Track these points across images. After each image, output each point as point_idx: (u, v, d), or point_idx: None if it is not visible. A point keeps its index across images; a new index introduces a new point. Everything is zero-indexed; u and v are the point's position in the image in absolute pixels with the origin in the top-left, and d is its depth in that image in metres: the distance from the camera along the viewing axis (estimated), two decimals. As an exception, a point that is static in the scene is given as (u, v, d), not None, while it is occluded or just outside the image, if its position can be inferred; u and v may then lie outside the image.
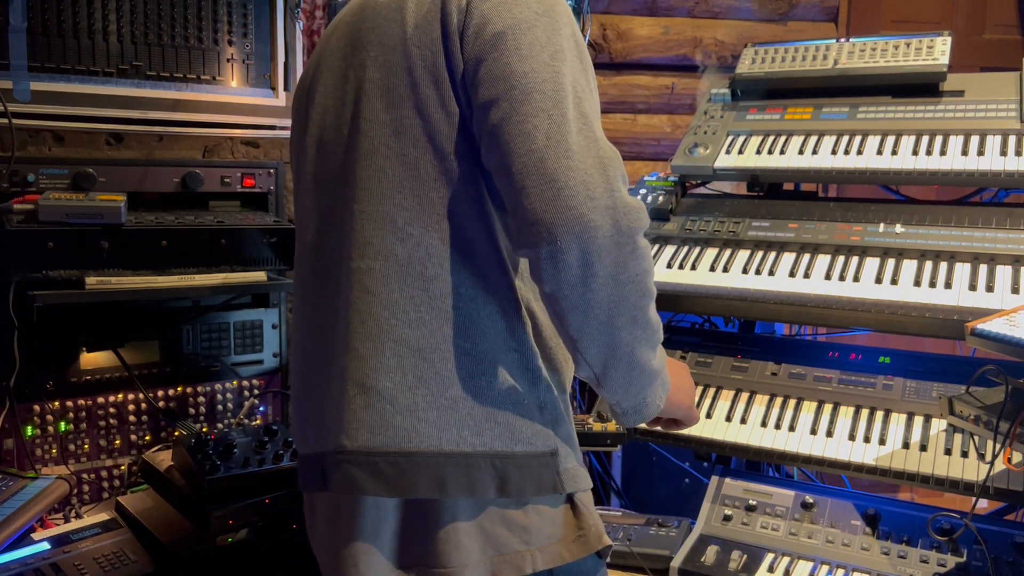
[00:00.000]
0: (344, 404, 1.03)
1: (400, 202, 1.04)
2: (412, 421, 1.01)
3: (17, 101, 1.75)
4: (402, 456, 1.01)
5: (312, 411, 1.13)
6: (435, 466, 1.01)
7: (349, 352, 1.04)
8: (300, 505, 1.70)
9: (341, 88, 1.13)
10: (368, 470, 1.01)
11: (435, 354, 1.02)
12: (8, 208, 1.65)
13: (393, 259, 1.04)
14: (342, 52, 1.15)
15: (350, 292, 1.05)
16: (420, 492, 1.01)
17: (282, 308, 2.11)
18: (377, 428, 1.02)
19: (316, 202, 1.15)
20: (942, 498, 1.85)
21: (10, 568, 1.49)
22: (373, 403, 1.02)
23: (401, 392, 1.02)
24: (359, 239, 1.05)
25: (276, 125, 2.10)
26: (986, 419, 1.55)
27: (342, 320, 1.06)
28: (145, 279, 1.72)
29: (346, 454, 1.02)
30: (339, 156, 1.11)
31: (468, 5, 1.02)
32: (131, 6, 1.89)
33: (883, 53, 2.04)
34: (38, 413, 1.79)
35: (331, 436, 1.05)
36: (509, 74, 0.98)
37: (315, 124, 1.16)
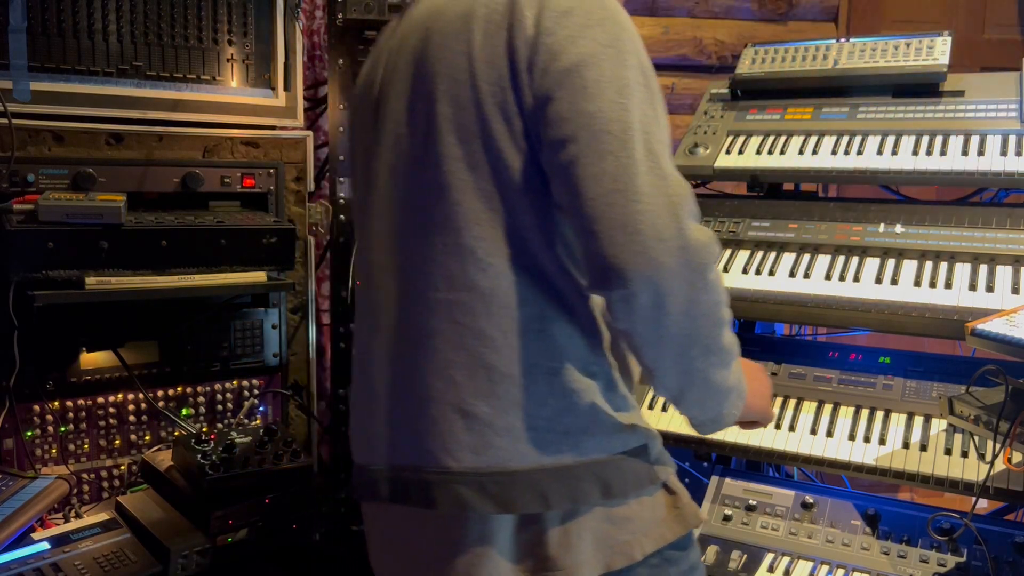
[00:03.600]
0: (444, 427, 1.08)
1: (478, 234, 1.07)
2: (511, 441, 1.07)
3: (17, 101, 1.75)
4: (504, 475, 1.06)
5: (387, 429, 1.15)
6: (537, 481, 1.06)
7: (444, 379, 1.08)
8: (300, 505, 1.71)
9: (411, 117, 1.14)
10: (475, 489, 1.06)
11: (526, 378, 1.07)
12: (8, 208, 1.65)
13: (477, 290, 1.07)
14: (409, 78, 1.15)
15: (438, 322, 1.09)
16: (525, 507, 1.06)
17: (282, 308, 2.11)
18: (479, 449, 1.07)
19: (389, 227, 1.16)
20: (942, 498, 1.85)
21: (10, 568, 1.49)
22: (473, 426, 1.07)
23: (499, 415, 1.07)
24: (442, 271, 1.09)
25: (276, 125, 2.10)
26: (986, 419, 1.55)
27: (428, 347, 1.10)
28: (145, 279, 1.72)
29: (451, 474, 1.07)
30: (414, 188, 1.13)
31: (535, 40, 1.03)
32: (131, 6, 1.89)
33: (883, 53, 2.04)
34: (38, 413, 1.79)
35: (430, 456, 1.09)
36: (577, 114, 1.00)
37: (388, 150, 1.17)
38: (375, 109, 1.21)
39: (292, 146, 2.10)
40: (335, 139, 2.16)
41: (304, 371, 2.19)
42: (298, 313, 2.17)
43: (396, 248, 1.15)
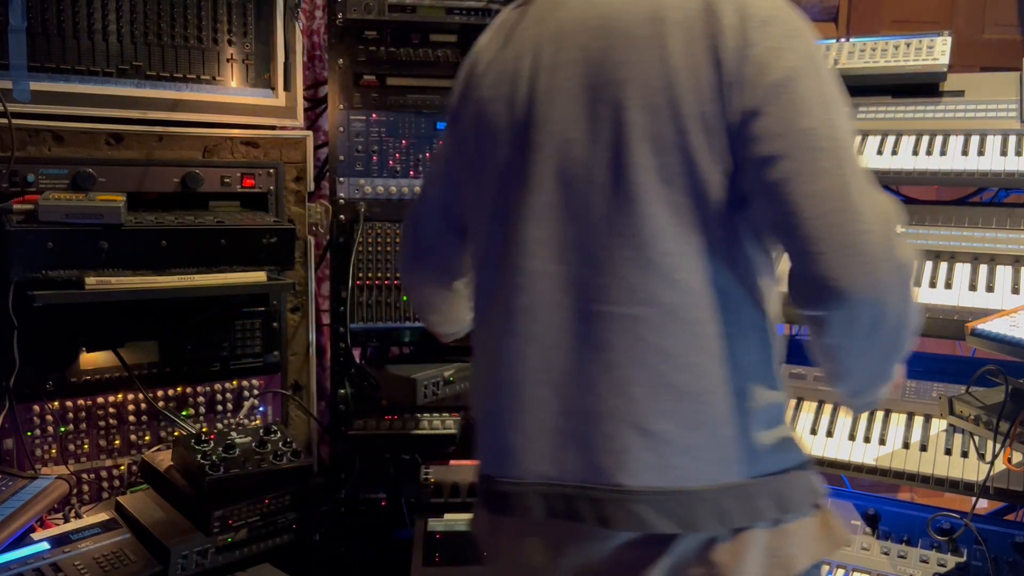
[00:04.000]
0: (620, 445, 1.06)
1: (665, 248, 1.05)
2: (691, 460, 1.05)
3: (17, 101, 1.75)
4: (684, 494, 1.05)
5: (546, 444, 1.11)
6: (717, 501, 1.05)
7: (623, 396, 1.06)
8: (300, 505, 1.71)
9: (590, 122, 1.09)
10: (655, 508, 1.04)
11: (709, 395, 1.06)
12: (8, 208, 1.65)
13: (660, 306, 1.05)
14: (583, 79, 1.10)
15: (617, 337, 1.06)
16: (704, 526, 1.05)
17: (283, 308, 2.11)
18: (660, 468, 1.05)
19: (555, 235, 1.11)
20: (942, 498, 1.85)
21: (10, 568, 1.49)
22: (653, 445, 1.05)
23: (680, 434, 1.05)
24: (624, 285, 1.06)
25: (276, 125, 2.10)
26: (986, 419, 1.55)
27: (604, 362, 1.07)
28: (145, 279, 1.72)
29: (628, 493, 1.05)
30: (595, 197, 1.08)
31: (742, 51, 1.01)
32: (131, 6, 1.89)
33: (883, 53, 2.04)
34: (38, 413, 1.79)
35: (602, 474, 1.06)
36: (790, 130, 0.99)
37: (554, 153, 1.11)
38: (526, 105, 1.14)
39: (292, 146, 2.10)
40: (335, 139, 2.16)
41: (304, 371, 2.19)
42: (298, 313, 2.17)
43: (567, 258, 1.10)
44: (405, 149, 2.18)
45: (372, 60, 2.14)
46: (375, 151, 2.16)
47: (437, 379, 2.04)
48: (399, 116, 2.17)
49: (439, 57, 2.15)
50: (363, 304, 2.15)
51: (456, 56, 2.15)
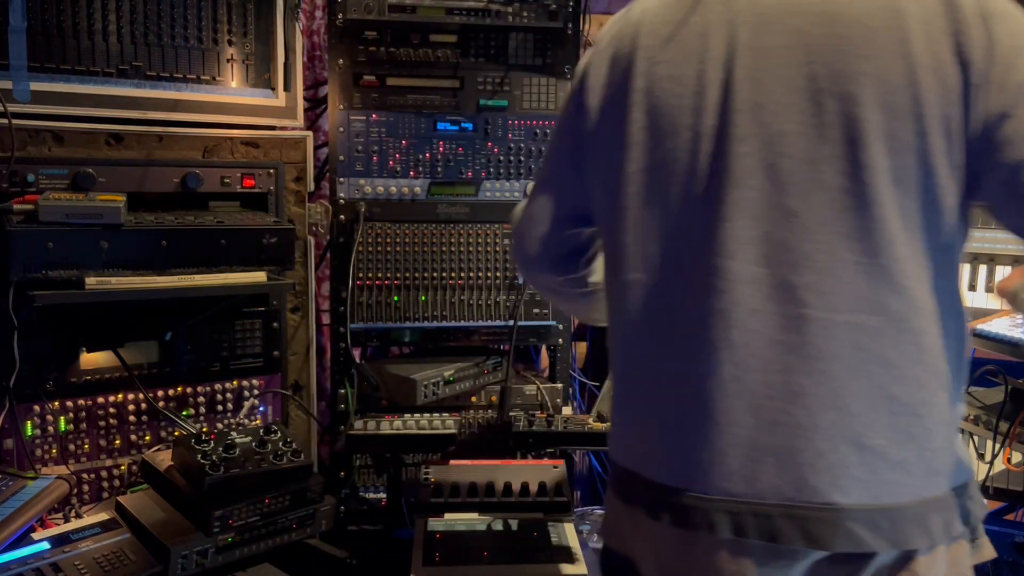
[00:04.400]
0: (835, 460, 1.01)
1: (895, 254, 1.00)
2: (902, 475, 1.02)
3: (17, 101, 1.75)
4: (894, 510, 1.02)
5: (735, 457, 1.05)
6: (921, 515, 1.03)
7: (838, 408, 1.01)
8: (300, 505, 1.71)
9: (814, 116, 1.02)
10: (868, 526, 1.01)
11: (924, 408, 1.03)
12: (8, 208, 1.65)
13: (888, 314, 1.01)
14: (803, 68, 1.02)
15: (837, 347, 1.01)
16: (912, 542, 1.02)
17: (283, 308, 2.11)
18: (872, 485, 1.02)
19: (761, 234, 1.04)
20: (942, 498, 1.85)
21: (10, 568, 1.49)
22: (867, 460, 1.01)
23: (892, 449, 1.02)
24: (849, 291, 1.01)
25: (276, 125, 2.10)
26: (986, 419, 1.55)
27: (819, 372, 1.02)
28: (145, 279, 1.72)
29: (840, 511, 1.01)
30: (818, 196, 1.02)
31: (989, 50, 0.97)
32: (131, 6, 1.89)
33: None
34: (38, 413, 1.79)
35: (812, 491, 1.02)
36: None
37: (762, 146, 1.03)
38: (721, 90, 1.06)
39: (292, 146, 2.10)
40: (335, 139, 2.16)
41: (304, 371, 2.19)
42: (298, 313, 2.17)
43: (774, 260, 1.03)
44: (405, 149, 2.18)
45: (372, 60, 2.14)
46: (375, 151, 2.16)
47: (437, 379, 2.04)
48: (399, 116, 2.17)
49: (439, 57, 2.15)
50: (363, 304, 2.15)
51: (456, 56, 2.16)
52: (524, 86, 2.19)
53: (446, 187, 2.19)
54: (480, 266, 2.18)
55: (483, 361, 2.20)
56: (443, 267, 2.17)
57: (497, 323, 2.19)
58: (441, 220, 2.19)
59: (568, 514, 1.92)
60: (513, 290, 2.19)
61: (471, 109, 2.19)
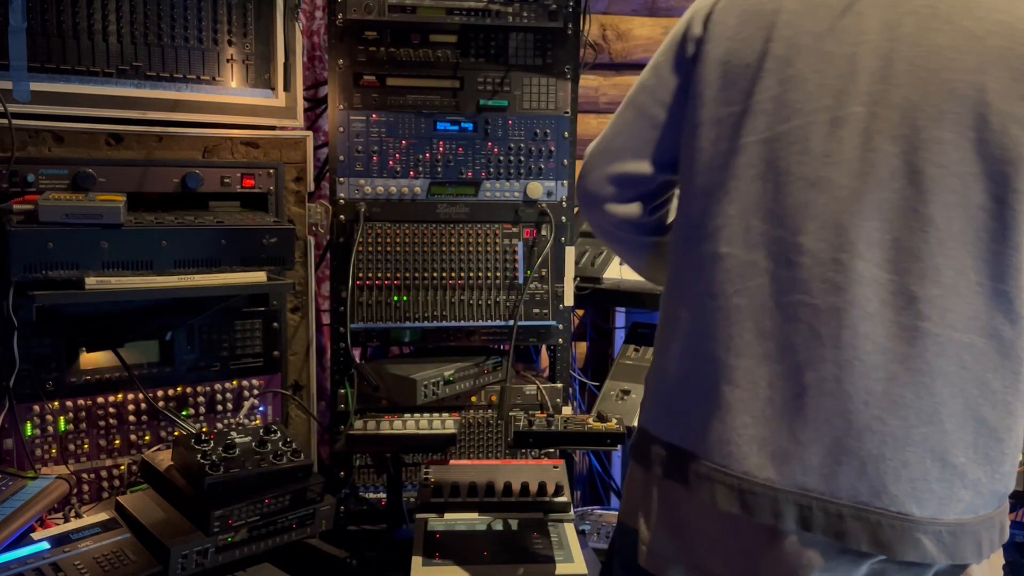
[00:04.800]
0: (917, 473, 1.03)
1: (1019, 282, 1.01)
2: (973, 495, 1.05)
3: (17, 101, 1.75)
4: (958, 526, 1.05)
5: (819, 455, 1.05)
6: (976, 532, 1.06)
7: (932, 423, 1.03)
8: (300, 505, 1.71)
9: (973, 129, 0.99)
10: (934, 539, 1.03)
11: (1006, 434, 1.05)
12: (8, 208, 1.65)
13: (999, 339, 1.02)
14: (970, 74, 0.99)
15: (944, 363, 1.02)
16: (968, 558, 1.06)
17: (283, 308, 2.11)
18: (945, 500, 1.04)
19: (889, 238, 1.02)
20: (942, 498, 1.85)
21: (10, 568, 1.49)
22: (947, 476, 1.04)
23: (971, 468, 1.04)
24: (968, 311, 1.01)
25: (276, 125, 2.10)
26: (986, 419, 1.55)
27: (920, 386, 1.02)
28: (145, 279, 1.72)
29: (912, 521, 1.03)
30: (957, 211, 1.00)
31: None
32: (131, 6, 1.89)
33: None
34: (38, 413, 1.79)
35: (889, 499, 1.04)
36: None
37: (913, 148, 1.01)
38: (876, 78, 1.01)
39: (292, 146, 2.10)
40: (335, 139, 2.16)
41: (304, 371, 2.19)
42: (298, 313, 2.17)
43: (901, 268, 1.02)
44: (405, 149, 2.18)
45: (372, 60, 2.14)
46: (375, 151, 2.16)
47: (437, 379, 2.04)
48: (399, 116, 2.17)
49: (439, 57, 2.15)
50: (363, 304, 2.15)
51: (456, 56, 2.16)
52: (524, 86, 2.19)
53: (446, 187, 2.19)
54: (480, 266, 2.18)
55: (483, 361, 2.20)
56: (443, 267, 2.17)
57: (497, 323, 2.19)
58: (441, 220, 2.19)
59: (568, 514, 1.92)
60: (513, 290, 2.19)
61: (471, 109, 2.19)
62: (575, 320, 2.36)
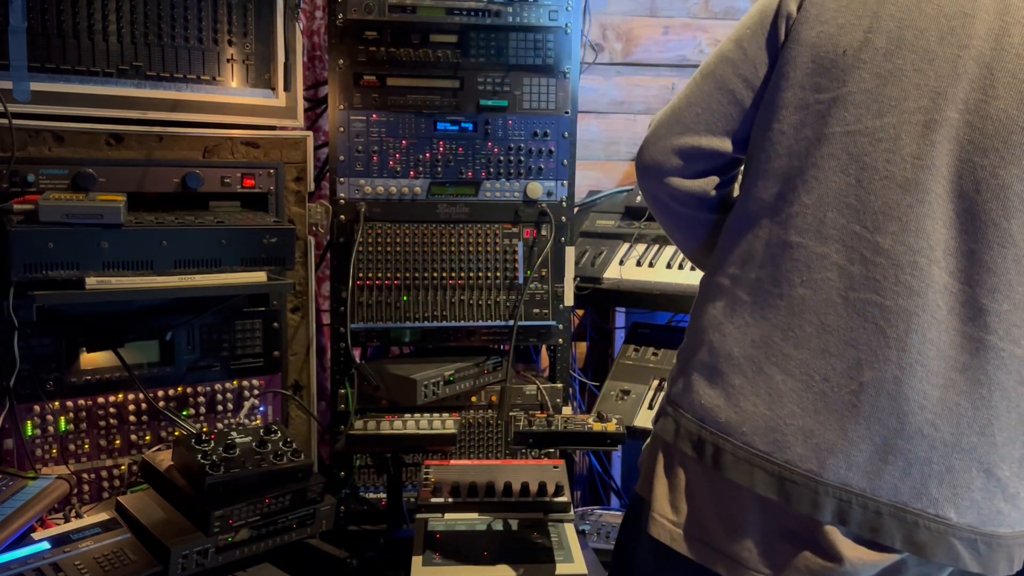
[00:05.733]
0: (961, 480, 1.05)
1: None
2: (1011, 508, 1.07)
3: (17, 101, 1.75)
4: (995, 537, 1.06)
5: (864, 451, 1.06)
6: (1010, 547, 1.07)
7: (983, 435, 1.04)
8: (300, 505, 1.71)
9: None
10: (968, 545, 1.05)
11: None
12: (8, 208, 1.65)
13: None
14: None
15: (1002, 376, 1.03)
16: (999, 569, 1.07)
17: (283, 308, 2.11)
18: (984, 510, 1.06)
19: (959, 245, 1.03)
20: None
21: (10, 568, 1.50)
22: (989, 487, 1.05)
23: (1013, 481, 1.06)
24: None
25: (276, 125, 2.10)
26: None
27: (977, 397, 1.04)
28: (145, 279, 1.72)
29: (948, 526, 1.05)
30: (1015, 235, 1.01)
31: None
32: (131, 6, 1.89)
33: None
34: (38, 413, 1.79)
35: (929, 501, 1.05)
36: None
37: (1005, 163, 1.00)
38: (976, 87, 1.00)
39: (292, 146, 2.10)
40: (335, 139, 2.16)
41: (304, 371, 2.19)
42: (298, 313, 2.17)
43: (971, 277, 1.02)
44: (405, 149, 2.18)
45: (372, 60, 2.14)
46: (375, 151, 2.16)
47: (437, 379, 2.04)
48: (399, 116, 2.17)
49: (439, 57, 2.15)
50: (363, 304, 2.15)
51: (456, 56, 2.16)
52: (524, 86, 2.19)
53: (446, 187, 2.19)
54: (480, 266, 2.18)
55: (483, 361, 2.20)
56: (443, 267, 2.17)
57: (497, 323, 2.19)
58: (441, 220, 2.19)
59: (568, 514, 1.92)
60: (513, 290, 2.19)
61: (471, 109, 2.19)
62: (575, 320, 2.36)
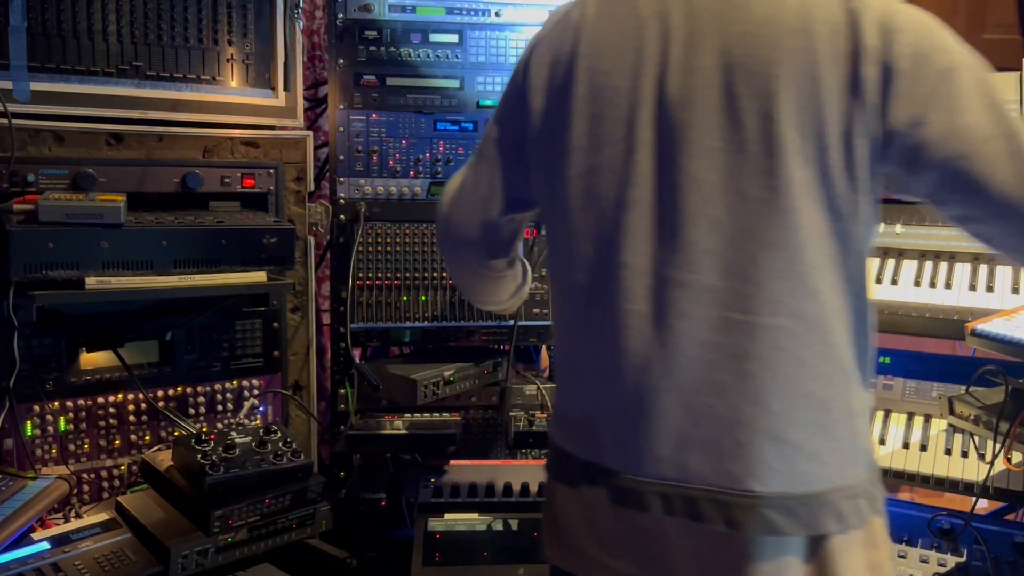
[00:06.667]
0: (753, 452, 1.09)
1: (811, 260, 1.07)
2: (817, 466, 1.10)
3: (17, 101, 1.75)
4: (810, 497, 1.09)
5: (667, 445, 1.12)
6: (835, 502, 1.10)
7: (759, 405, 1.08)
8: (300, 505, 1.71)
9: (736, 133, 1.08)
10: (784, 513, 1.09)
11: (833, 403, 1.10)
12: (8, 208, 1.65)
13: (802, 317, 1.08)
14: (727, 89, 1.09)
15: (757, 348, 1.08)
16: (827, 527, 1.10)
17: (283, 308, 2.11)
18: (788, 475, 1.09)
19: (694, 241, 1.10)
20: (942, 498, 1.86)
21: (10, 568, 1.49)
22: (784, 453, 1.09)
23: (808, 441, 1.09)
24: (770, 296, 1.07)
25: (276, 125, 2.10)
26: (986, 419, 1.55)
27: (741, 372, 1.09)
28: (145, 279, 1.72)
29: (758, 498, 1.09)
30: (739, 208, 1.08)
31: (887, 67, 1.04)
32: (131, 6, 1.89)
33: (883, 53, 2.04)
34: (38, 413, 1.79)
35: (732, 478, 1.09)
36: (957, 130, 1.03)
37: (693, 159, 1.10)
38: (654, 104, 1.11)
39: (292, 146, 2.10)
40: (335, 139, 2.16)
41: (304, 371, 2.19)
42: (298, 313, 2.17)
43: (707, 266, 1.09)
44: (405, 149, 2.18)
45: (372, 60, 2.14)
46: (375, 151, 2.16)
47: (437, 379, 2.04)
48: (399, 116, 2.17)
49: (439, 57, 2.15)
50: (363, 304, 2.15)
51: (456, 56, 2.16)
52: (524, 86, 2.19)
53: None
54: (480, 266, 2.17)
55: (483, 361, 2.20)
56: (443, 267, 2.17)
57: (497, 323, 2.19)
58: (441, 220, 2.19)
59: (568, 514, 1.91)
60: (513, 290, 2.18)
61: (471, 109, 2.19)
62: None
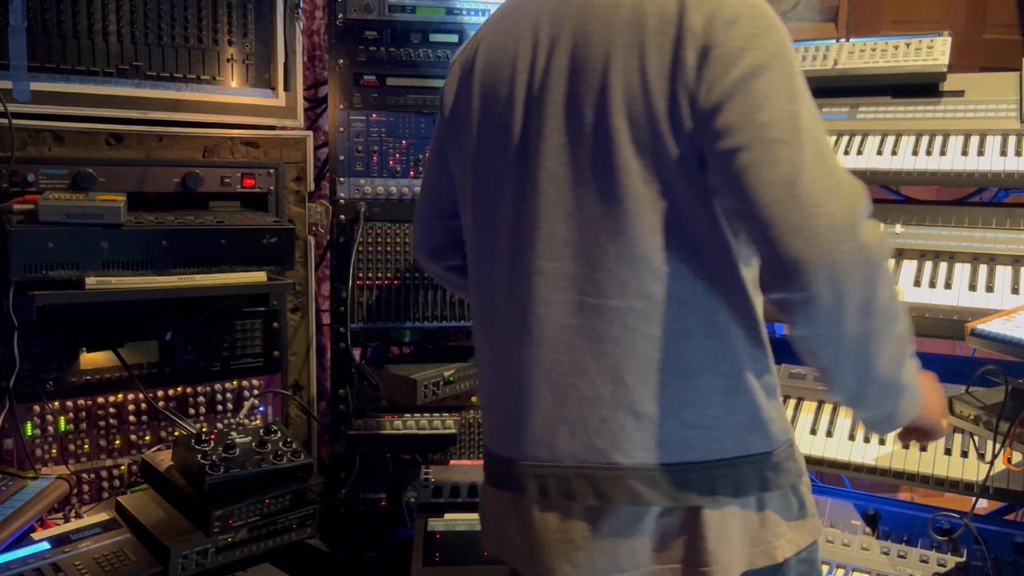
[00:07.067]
0: (615, 427, 1.13)
1: (653, 245, 1.10)
2: (680, 438, 1.12)
3: (17, 101, 1.75)
4: (675, 468, 1.12)
5: (541, 428, 1.17)
6: (706, 474, 1.12)
7: (615, 382, 1.12)
8: (300, 505, 1.71)
9: (577, 127, 1.13)
10: (647, 483, 1.12)
11: (696, 378, 1.12)
12: (8, 208, 1.65)
13: (651, 297, 1.11)
14: (570, 84, 1.14)
15: (610, 328, 1.12)
16: (695, 499, 1.11)
17: (283, 308, 2.11)
18: (650, 447, 1.12)
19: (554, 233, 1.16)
20: (942, 498, 1.86)
21: (10, 568, 1.50)
22: (645, 426, 1.12)
23: (669, 415, 1.12)
24: (616, 280, 1.12)
25: (276, 125, 2.10)
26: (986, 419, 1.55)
27: (598, 352, 1.13)
28: (145, 279, 1.72)
29: (622, 470, 1.12)
30: (585, 198, 1.13)
31: (705, 52, 1.05)
32: (131, 6, 1.89)
33: (883, 53, 2.04)
34: (38, 413, 1.79)
35: (600, 453, 1.13)
36: (748, 124, 1.02)
37: (548, 155, 1.16)
38: (523, 110, 1.19)
39: (292, 146, 2.10)
40: (335, 139, 2.16)
41: (304, 371, 2.19)
42: (298, 313, 2.17)
43: (559, 254, 1.15)
44: (405, 149, 2.18)
45: (372, 60, 2.14)
46: (375, 151, 2.16)
47: (437, 379, 2.04)
48: (399, 116, 2.17)
49: (439, 57, 2.15)
50: (363, 304, 2.15)
51: (456, 56, 2.16)
52: (524, 86, 2.19)
53: (446, 187, 2.19)
54: (480, 266, 2.18)
55: (483, 361, 2.19)
56: (443, 267, 2.16)
57: (497, 323, 2.19)
58: (441, 220, 2.19)
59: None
60: (513, 290, 2.18)
61: (471, 109, 2.18)
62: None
